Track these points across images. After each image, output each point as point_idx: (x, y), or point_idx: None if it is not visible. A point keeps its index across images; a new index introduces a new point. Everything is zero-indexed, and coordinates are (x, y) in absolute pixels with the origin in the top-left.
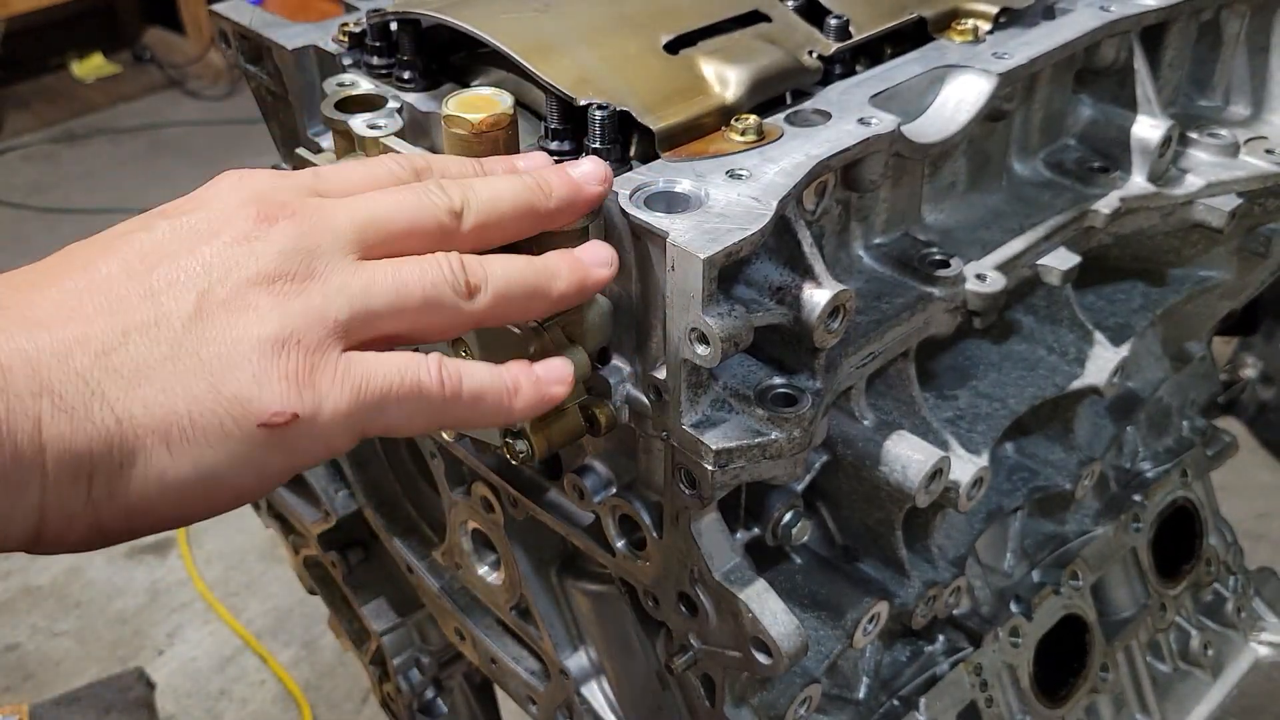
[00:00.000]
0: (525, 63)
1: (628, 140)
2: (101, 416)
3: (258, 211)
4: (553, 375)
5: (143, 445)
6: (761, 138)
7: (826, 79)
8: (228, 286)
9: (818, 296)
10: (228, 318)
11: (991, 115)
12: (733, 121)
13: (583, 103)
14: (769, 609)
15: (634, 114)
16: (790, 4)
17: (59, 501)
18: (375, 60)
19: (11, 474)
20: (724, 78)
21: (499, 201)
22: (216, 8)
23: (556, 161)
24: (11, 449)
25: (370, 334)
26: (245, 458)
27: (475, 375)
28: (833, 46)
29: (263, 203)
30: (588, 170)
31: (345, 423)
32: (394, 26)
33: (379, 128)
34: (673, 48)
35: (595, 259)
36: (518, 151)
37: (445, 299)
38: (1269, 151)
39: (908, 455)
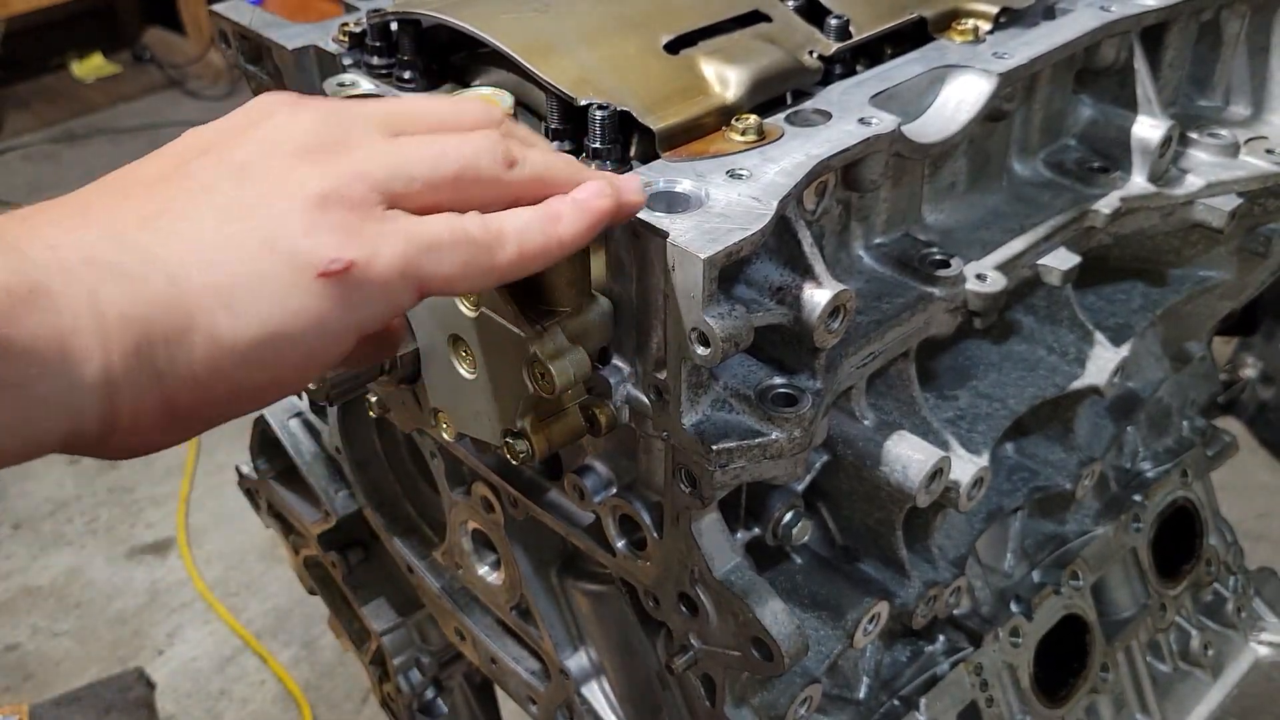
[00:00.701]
0: (525, 63)
1: (628, 140)
2: (156, 280)
3: (291, 101)
4: (591, 191)
5: (201, 306)
6: (762, 138)
7: (827, 79)
8: (267, 159)
9: (818, 296)
10: (271, 183)
11: (992, 115)
12: (733, 121)
13: (583, 103)
14: (769, 609)
15: (634, 114)
16: (790, 4)
17: (126, 377)
18: (375, 60)
19: (71, 345)
20: (724, 78)
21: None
22: (216, 8)
23: None
24: (69, 318)
25: (411, 203)
26: (308, 313)
27: (515, 216)
28: (833, 46)
29: (294, 100)
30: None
31: (401, 270)
32: (394, 26)
33: None
34: (673, 48)
35: (629, 186)
36: None
37: (485, 168)
38: (1269, 151)
39: (908, 455)
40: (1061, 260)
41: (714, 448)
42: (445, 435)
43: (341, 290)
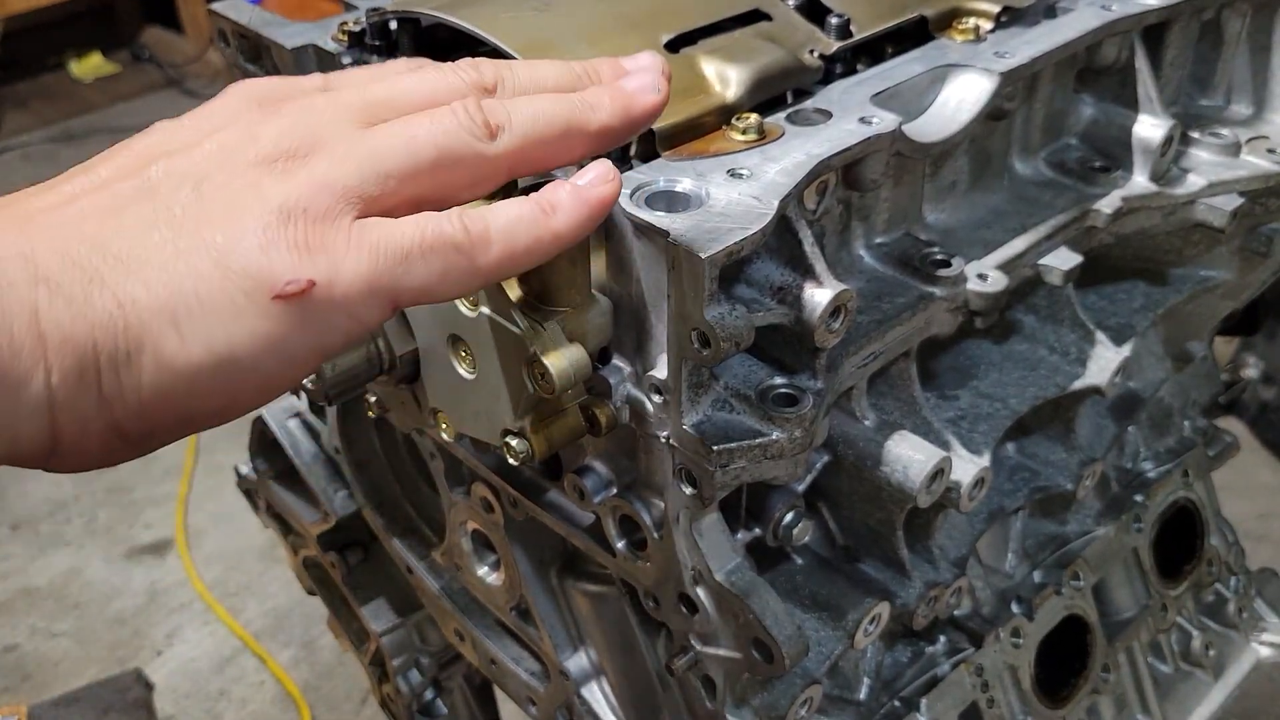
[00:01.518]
0: None
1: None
2: (102, 301)
3: (259, 104)
4: (595, 177)
5: (148, 329)
6: (762, 137)
7: (827, 78)
8: (228, 170)
9: (819, 296)
10: (228, 198)
11: (993, 114)
12: (733, 120)
13: None
14: (770, 610)
15: None
16: (791, 3)
17: (69, 400)
18: (375, 59)
19: (10, 366)
20: (725, 76)
21: (541, 83)
22: (215, 7)
23: None
24: (7, 339)
25: (388, 201)
26: (264, 336)
27: (502, 210)
28: (834, 45)
29: (265, 97)
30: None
31: (368, 287)
32: (393, 25)
33: None
34: (673, 46)
35: (641, 84)
36: None
37: (463, 147)
38: (1270, 151)
39: (909, 455)
40: (1063, 260)
41: (714, 448)
42: (445, 435)
43: (301, 312)
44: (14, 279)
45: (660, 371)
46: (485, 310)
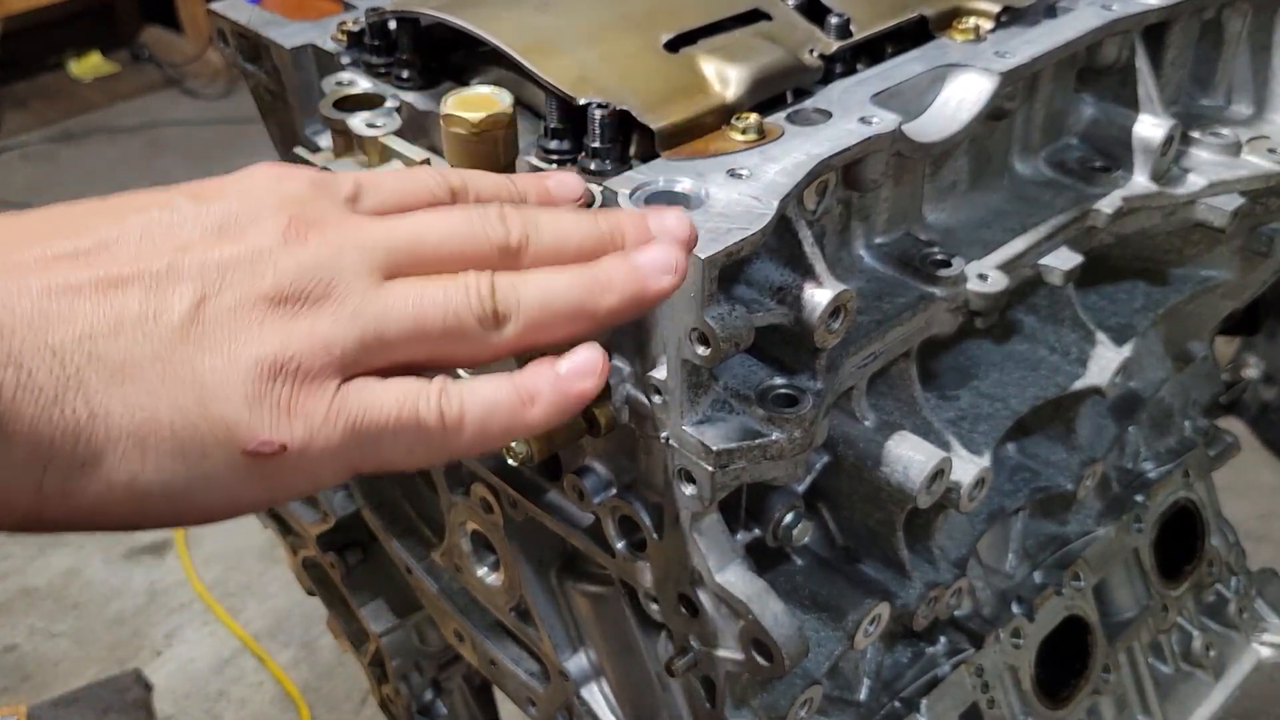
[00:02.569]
0: (524, 61)
1: (627, 139)
2: (74, 407)
3: (289, 222)
4: (578, 369)
5: (114, 447)
6: (762, 137)
7: (827, 78)
8: (235, 295)
9: (819, 296)
10: (228, 329)
11: (993, 114)
12: (733, 120)
13: (582, 102)
14: (770, 610)
15: (634, 113)
16: (791, 2)
17: (5, 479)
18: (374, 59)
19: None
20: (724, 76)
21: (565, 244)
22: (214, 6)
23: (557, 164)
24: None
25: (382, 361)
26: (221, 481)
27: (480, 395)
28: (834, 45)
29: (297, 214)
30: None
31: (334, 458)
32: (392, 25)
33: (377, 126)
34: (673, 46)
35: (658, 262)
36: (516, 151)
37: (469, 329)
38: (1271, 150)
39: (909, 456)
40: (1063, 260)
41: (714, 448)
42: None
43: (263, 469)
44: None
45: (660, 371)
46: None
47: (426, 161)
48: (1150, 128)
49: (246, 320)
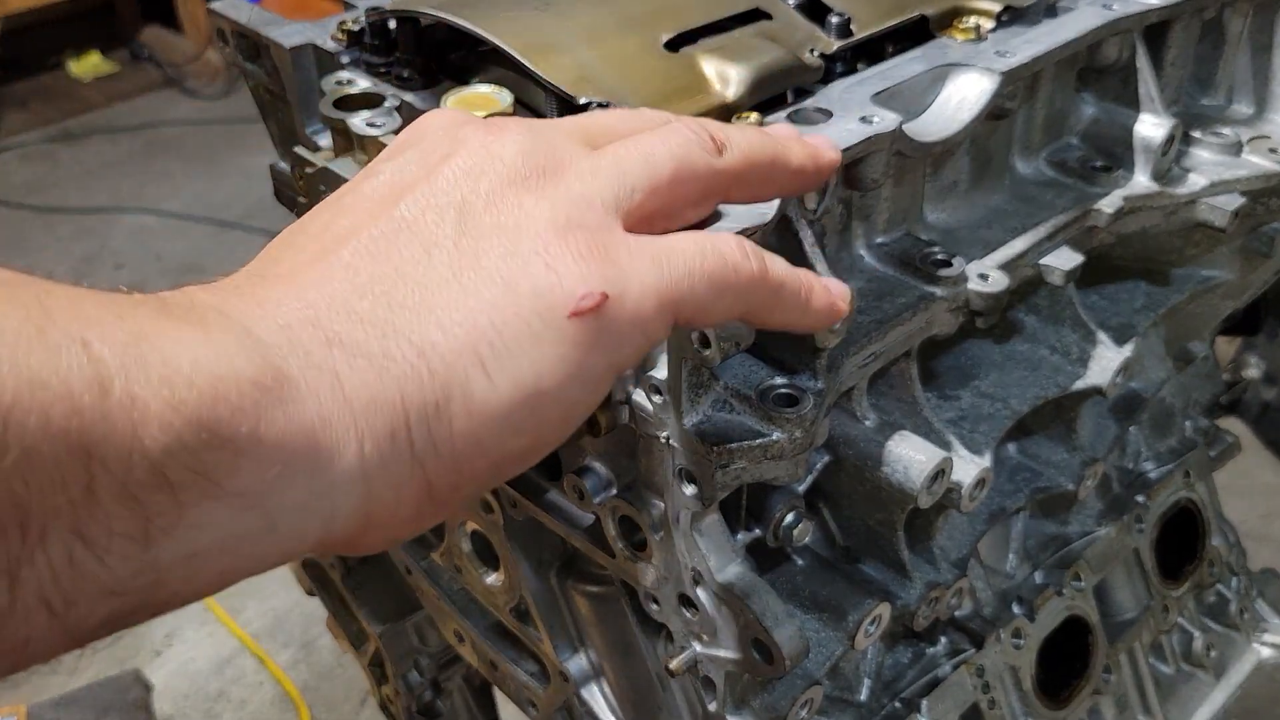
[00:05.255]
0: (524, 61)
1: None
2: (403, 354)
3: (483, 124)
4: (838, 291)
5: (454, 374)
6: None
7: (828, 77)
8: (482, 194)
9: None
10: (495, 221)
11: (994, 114)
12: (734, 119)
13: (582, 101)
14: (770, 611)
15: None
16: (791, 2)
17: (382, 467)
18: (374, 58)
19: (322, 440)
20: (725, 76)
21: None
22: (214, 6)
23: None
24: (316, 411)
25: (635, 217)
26: (562, 360)
27: (776, 262)
28: (834, 44)
29: (469, 120)
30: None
31: (656, 302)
32: (392, 25)
33: (377, 126)
34: (673, 45)
35: (821, 141)
36: None
37: (696, 159)
38: (1272, 150)
39: (910, 456)
40: (1064, 259)
41: (715, 448)
42: None
43: (595, 329)
44: (308, 346)
45: (660, 371)
46: None
47: None
48: (1151, 127)
49: (507, 207)
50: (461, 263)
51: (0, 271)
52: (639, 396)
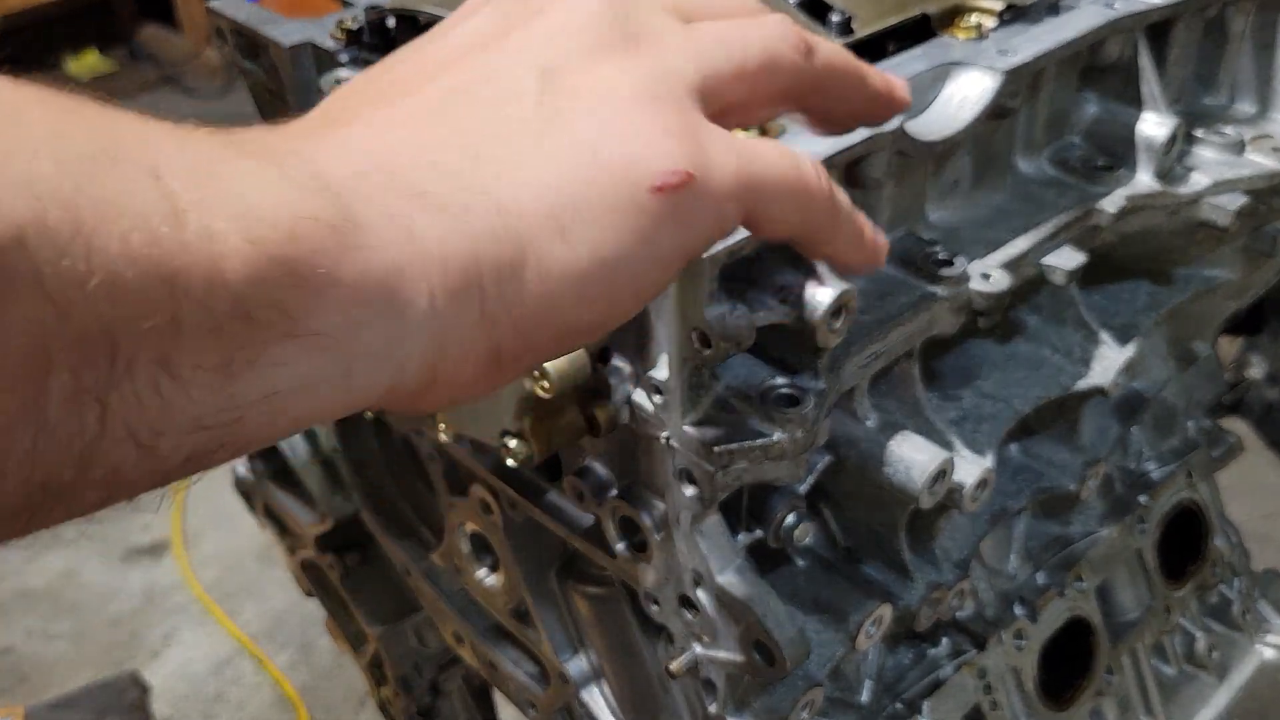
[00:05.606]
0: None
1: None
2: (482, 209)
3: None
4: (882, 240)
5: (532, 236)
6: (764, 135)
7: None
8: (566, 57)
9: (821, 296)
10: (580, 85)
11: (996, 112)
12: None
13: None
14: (771, 612)
15: None
16: (792, 1)
17: (452, 322)
18: (373, 57)
19: (396, 288)
20: None
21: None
22: (212, 4)
23: None
24: (392, 258)
25: (716, 103)
26: (640, 233)
27: (841, 192)
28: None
29: None
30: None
31: (734, 192)
32: (391, 23)
33: None
34: None
35: (896, 79)
36: None
37: (785, 54)
38: (1275, 149)
39: (911, 456)
40: (1066, 259)
41: (715, 449)
42: (443, 436)
43: (675, 206)
44: (385, 195)
45: (660, 371)
46: None
47: None
48: (1154, 126)
49: (590, 73)
50: (549, 124)
51: (67, 97)
52: (639, 396)
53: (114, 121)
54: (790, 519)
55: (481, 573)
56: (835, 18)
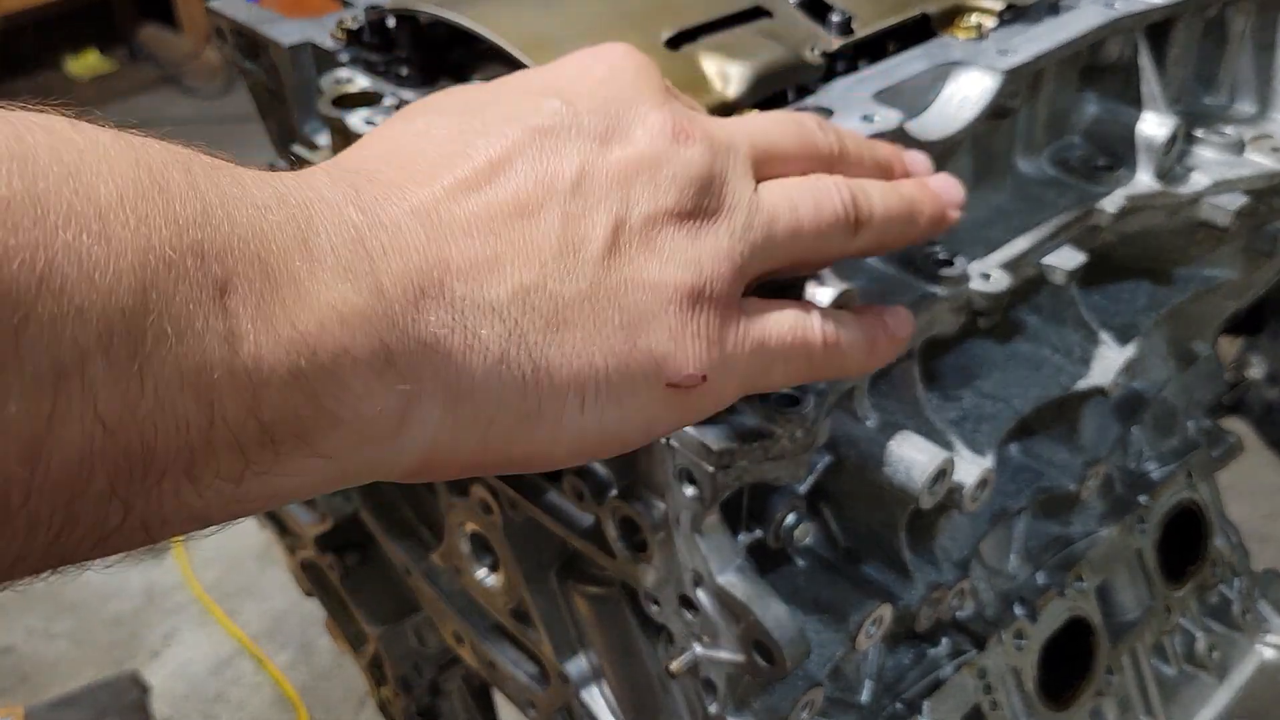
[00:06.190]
0: (524, 58)
1: None
2: (519, 361)
3: (673, 120)
4: (902, 330)
5: (554, 398)
6: None
7: (829, 75)
8: (644, 216)
9: (821, 295)
10: (644, 257)
11: (996, 112)
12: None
13: None
14: (771, 612)
15: None
16: (792, 1)
17: (452, 438)
18: (372, 56)
19: (411, 419)
20: (725, 74)
21: (866, 158)
22: (212, 4)
23: None
24: (415, 392)
25: (759, 269)
26: (644, 414)
27: (847, 327)
28: (835, 43)
29: (674, 108)
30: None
31: (738, 382)
32: (391, 22)
33: (376, 124)
34: (673, 44)
35: (945, 189)
36: None
37: (834, 238)
38: (1275, 149)
39: (912, 456)
40: (1066, 259)
41: (715, 448)
42: None
43: (683, 400)
44: (427, 330)
45: None
46: None
47: None
48: (1154, 126)
49: (658, 244)
50: (601, 288)
51: (164, 156)
52: None
53: (201, 208)
54: (790, 519)
55: (481, 573)
56: (835, 18)
